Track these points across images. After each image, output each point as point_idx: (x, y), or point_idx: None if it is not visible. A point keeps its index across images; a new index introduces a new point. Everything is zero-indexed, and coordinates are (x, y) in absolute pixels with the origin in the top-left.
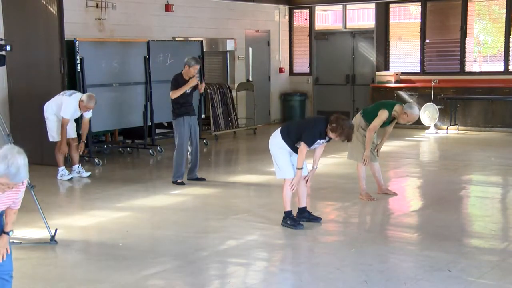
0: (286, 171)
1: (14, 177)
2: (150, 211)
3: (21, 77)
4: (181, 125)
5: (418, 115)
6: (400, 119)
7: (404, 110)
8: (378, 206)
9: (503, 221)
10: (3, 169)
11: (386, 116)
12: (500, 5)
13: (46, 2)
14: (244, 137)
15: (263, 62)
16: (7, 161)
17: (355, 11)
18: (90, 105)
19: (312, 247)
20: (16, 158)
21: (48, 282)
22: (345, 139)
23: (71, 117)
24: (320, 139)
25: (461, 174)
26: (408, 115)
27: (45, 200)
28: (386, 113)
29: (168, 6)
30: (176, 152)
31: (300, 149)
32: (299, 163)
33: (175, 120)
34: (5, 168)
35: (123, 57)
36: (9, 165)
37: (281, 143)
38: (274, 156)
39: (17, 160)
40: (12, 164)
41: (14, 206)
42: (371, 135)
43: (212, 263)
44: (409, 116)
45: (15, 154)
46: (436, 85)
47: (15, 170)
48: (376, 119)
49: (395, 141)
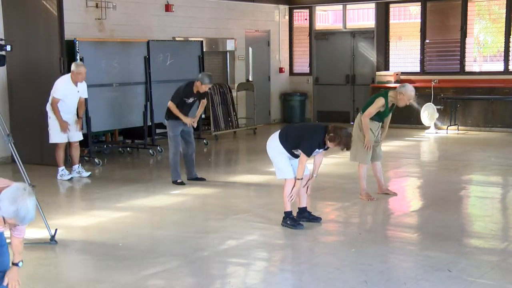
0: (286, 172)
1: (22, 220)
2: (150, 211)
3: (21, 77)
4: (173, 126)
5: (414, 91)
6: (399, 102)
7: (398, 91)
8: (378, 206)
9: (503, 221)
10: (12, 211)
11: (382, 103)
12: (500, 5)
13: (46, 2)
14: (244, 137)
15: (263, 62)
16: (17, 204)
17: (355, 11)
18: (80, 70)
19: (312, 247)
20: (25, 202)
21: (48, 282)
22: (344, 148)
23: (63, 97)
24: (319, 148)
25: (461, 174)
26: (404, 93)
27: (45, 200)
28: (382, 100)
29: (168, 6)
30: (170, 152)
31: (300, 160)
32: (299, 173)
33: (167, 121)
34: (14, 211)
35: (123, 57)
36: (18, 209)
37: (279, 147)
38: (272, 158)
39: (26, 204)
40: (22, 208)
41: (19, 235)
42: (366, 121)
43: (212, 263)
44: (405, 95)
45: (25, 197)
46: (436, 85)
47: (24, 214)
48: (372, 106)
49: (395, 141)
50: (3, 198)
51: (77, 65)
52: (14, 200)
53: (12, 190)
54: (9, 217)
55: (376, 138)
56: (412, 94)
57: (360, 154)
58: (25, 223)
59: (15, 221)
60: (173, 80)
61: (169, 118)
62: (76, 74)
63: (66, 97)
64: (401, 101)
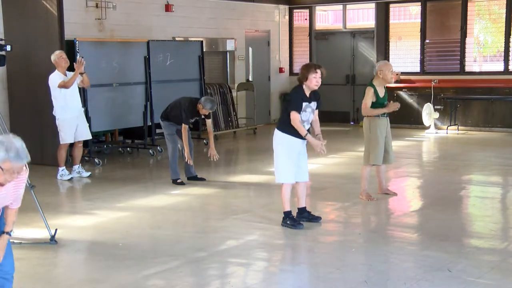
0: (284, 174)
1: (15, 160)
2: (150, 211)
3: (21, 77)
4: (168, 127)
5: (388, 63)
6: (386, 79)
7: (377, 71)
8: (378, 206)
9: (503, 221)
10: (2, 154)
11: (372, 92)
12: (500, 5)
13: (46, 2)
14: (244, 137)
15: (263, 62)
16: (4, 146)
17: (355, 11)
18: (59, 54)
19: (312, 247)
20: (12, 142)
21: (48, 282)
22: (316, 68)
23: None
24: (304, 101)
25: (461, 174)
26: (382, 69)
27: (45, 200)
28: (371, 88)
29: (168, 6)
30: (168, 153)
31: (292, 119)
32: (300, 131)
33: (163, 122)
34: (4, 153)
35: (123, 57)
36: (7, 149)
37: (282, 136)
38: (276, 155)
39: (14, 143)
40: (10, 147)
41: (15, 204)
42: (366, 109)
43: (212, 263)
44: (384, 69)
45: (10, 138)
46: (436, 85)
47: (14, 152)
48: (364, 98)
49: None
50: None
51: (54, 53)
52: (1, 143)
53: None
54: (2, 161)
55: (387, 135)
56: (389, 65)
57: (372, 154)
58: (20, 161)
59: (9, 163)
60: (173, 80)
61: (164, 120)
62: (58, 60)
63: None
64: (386, 77)
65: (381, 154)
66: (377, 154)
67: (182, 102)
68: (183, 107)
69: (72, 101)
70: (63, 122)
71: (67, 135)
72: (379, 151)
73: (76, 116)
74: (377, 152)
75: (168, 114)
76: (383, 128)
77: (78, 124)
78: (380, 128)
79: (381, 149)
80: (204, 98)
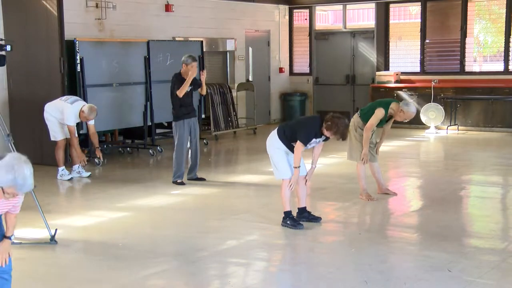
0: (283, 171)
1: (21, 188)
2: (150, 211)
3: (21, 77)
4: (180, 127)
5: (415, 113)
6: (397, 117)
7: (400, 107)
8: (378, 206)
9: (503, 221)
10: (10, 179)
11: (382, 114)
12: (500, 5)
13: (46, 2)
14: (244, 137)
15: (263, 62)
16: (14, 172)
17: (355, 11)
18: (90, 117)
19: (312, 247)
20: (23, 169)
21: (48, 282)
22: (340, 138)
23: (74, 124)
24: (316, 138)
25: (461, 174)
26: (405, 112)
27: (45, 200)
28: (383, 111)
29: (168, 6)
30: (176, 152)
31: (295, 147)
32: (295, 161)
33: (175, 122)
34: (12, 179)
35: (123, 57)
36: (16, 176)
37: (277, 143)
38: (271, 156)
39: (24, 171)
40: (19, 175)
41: (14, 210)
42: (368, 135)
43: (212, 263)
44: (405, 113)
45: (22, 164)
46: (436, 85)
47: (22, 181)
48: (373, 118)
49: (395, 141)
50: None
51: (90, 111)
52: (11, 168)
53: (7, 158)
54: (7, 186)
55: (371, 139)
56: (412, 115)
57: (355, 153)
58: (24, 190)
59: (14, 189)
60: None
61: (177, 119)
62: (84, 117)
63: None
64: (399, 117)
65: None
66: (359, 153)
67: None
68: (173, 81)
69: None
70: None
71: (56, 132)
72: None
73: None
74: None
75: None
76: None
77: None
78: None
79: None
80: (183, 57)
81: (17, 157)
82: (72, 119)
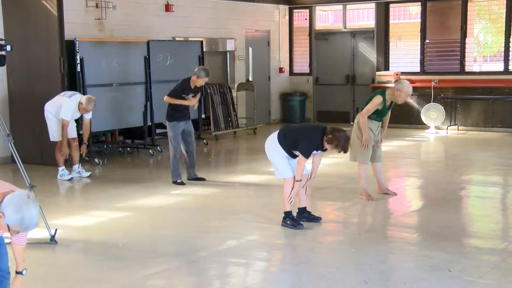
0: (284, 171)
1: (27, 228)
2: (150, 211)
3: (21, 77)
4: (174, 128)
5: (411, 87)
6: (397, 99)
7: (396, 88)
8: (378, 206)
9: (503, 221)
10: (17, 219)
11: (380, 100)
12: (500, 5)
13: (46, 2)
14: (244, 137)
15: (263, 62)
16: (22, 212)
17: (355, 11)
18: (89, 107)
19: (312, 247)
20: (30, 210)
21: (48, 282)
22: (341, 150)
23: (71, 119)
24: (317, 150)
25: (461, 174)
26: (402, 90)
27: (45, 200)
28: (380, 98)
29: (168, 6)
30: (171, 153)
31: (298, 161)
32: (297, 175)
33: (168, 123)
34: (19, 219)
35: (123, 57)
36: (23, 217)
37: (277, 148)
38: (271, 158)
39: (31, 212)
40: (27, 216)
41: (21, 241)
42: (364, 120)
43: (212, 263)
44: (403, 92)
45: (30, 205)
46: (436, 85)
47: (29, 222)
48: (370, 103)
49: (395, 141)
50: (6, 206)
51: (88, 102)
52: (19, 208)
53: (16, 198)
54: (13, 225)
55: (376, 138)
56: (409, 90)
57: (359, 154)
58: (29, 230)
59: (19, 229)
60: (173, 80)
61: (170, 120)
62: (83, 108)
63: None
64: (400, 98)
65: (368, 154)
66: (364, 154)
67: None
68: (176, 86)
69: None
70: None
71: (54, 132)
72: (367, 151)
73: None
74: (365, 152)
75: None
76: (374, 130)
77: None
78: (370, 129)
79: (368, 150)
80: (197, 68)
81: (26, 196)
82: (69, 113)
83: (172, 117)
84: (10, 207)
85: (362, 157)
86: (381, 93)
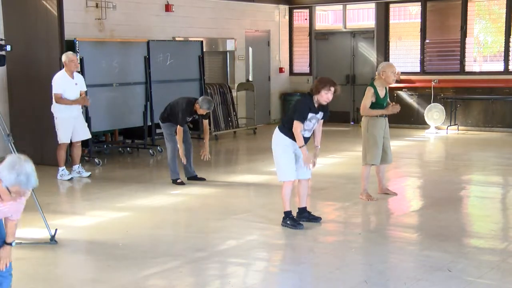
0: (286, 172)
1: (25, 185)
2: (150, 211)
3: (21, 77)
4: (168, 127)
5: (392, 64)
6: (387, 80)
7: (381, 72)
8: (378, 206)
9: (503, 221)
10: (13, 178)
11: (371, 92)
12: (500, 5)
13: (46, 2)
14: (244, 137)
15: (263, 62)
16: (16, 170)
17: (355, 11)
18: (71, 57)
19: (312, 247)
20: (24, 166)
21: (48, 282)
22: (331, 86)
23: (63, 91)
24: (311, 112)
25: (461, 174)
26: (385, 69)
27: (45, 200)
28: (371, 89)
29: (168, 6)
30: (168, 152)
31: (293, 128)
32: (298, 142)
33: (162, 124)
34: (15, 177)
35: (123, 57)
36: (18, 174)
37: (281, 139)
38: (275, 156)
39: (25, 168)
40: (21, 172)
41: (15, 216)
42: (365, 110)
43: (212, 263)
44: (387, 70)
45: (22, 162)
46: (436, 85)
47: (25, 178)
48: (364, 98)
49: (395, 141)
50: (1, 170)
51: (67, 55)
52: (12, 167)
53: (8, 159)
54: (12, 185)
55: (385, 135)
56: (392, 66)
57: (369, 153)
58: (29, 187)
59: (18, 187)
60: (173, 80)
61: (164, 121)
62: (68, 63)
63: (66, 92)
64: (388, 78)
65: (378, 154)
66: (374, 154)
67: (180, 102)
68: (180, 107)
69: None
70: (61, 121)
71: (64, 134)
72: (376, 151)
73: (74, 116)
74: (375, 152)
75: (168, 115)
76: (381, 128)
77: (76, 124)
78: (378, 128)
79: (378, 149)
80: (201, 98)
81: (16, 156)
82: (58, 83)
83: (166, 120)
84: (4, 169)
85: (371, 157)
86: (370, 85)
